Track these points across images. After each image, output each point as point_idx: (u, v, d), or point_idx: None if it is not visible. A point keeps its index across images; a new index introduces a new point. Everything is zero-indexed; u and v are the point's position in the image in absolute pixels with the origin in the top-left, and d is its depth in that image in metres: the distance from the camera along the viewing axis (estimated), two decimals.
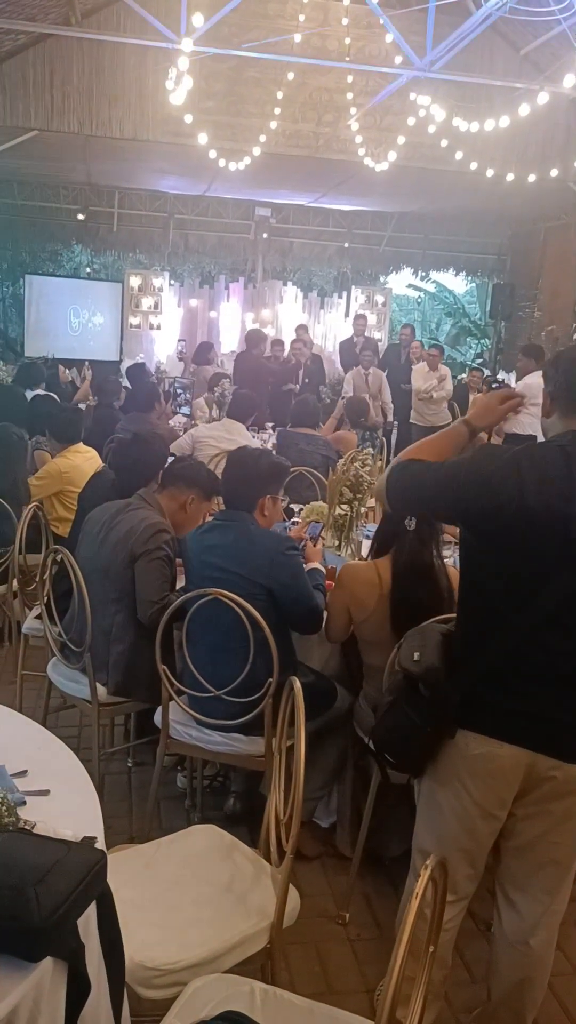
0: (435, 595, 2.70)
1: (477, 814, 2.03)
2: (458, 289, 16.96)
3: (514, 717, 1.94)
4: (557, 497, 1.84)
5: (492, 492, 1.88)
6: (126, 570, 3.10)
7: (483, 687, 1.96)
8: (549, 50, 8.17)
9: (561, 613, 1.87)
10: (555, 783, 1.96)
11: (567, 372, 1.98)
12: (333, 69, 8.07)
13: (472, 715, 1.99)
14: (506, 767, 1.96)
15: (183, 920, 1.97)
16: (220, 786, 3.50)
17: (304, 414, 5.89)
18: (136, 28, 7.42)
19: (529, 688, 1.92)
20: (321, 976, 2.60)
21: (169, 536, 3.14)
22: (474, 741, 1.98)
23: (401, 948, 1.27)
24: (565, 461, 1.88)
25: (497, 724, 1.96)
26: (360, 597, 2.83)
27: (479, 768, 1.99)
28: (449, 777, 2.05)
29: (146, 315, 13.27)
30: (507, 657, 1.93)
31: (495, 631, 1.94)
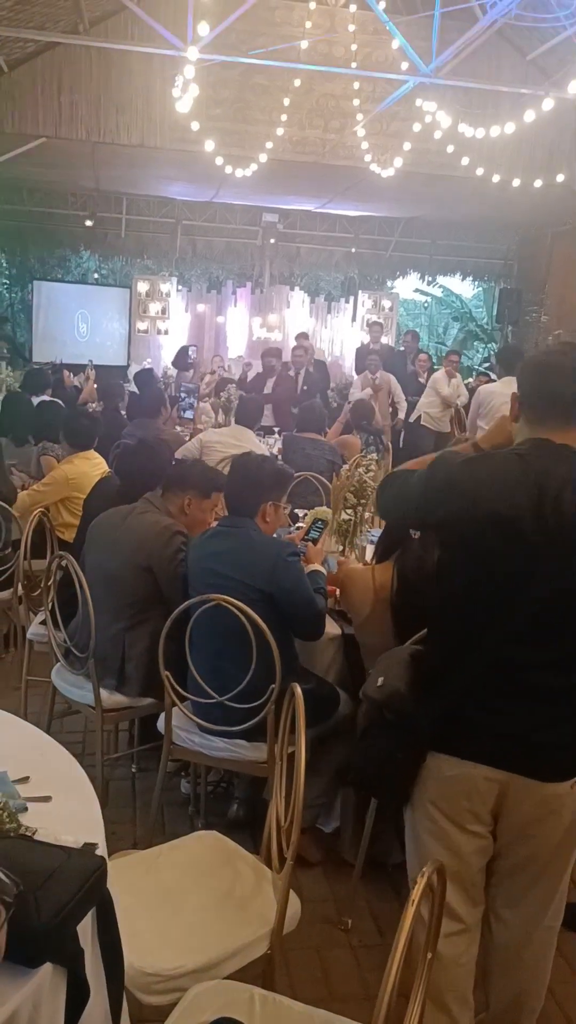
0: None
1: (453, 830, 1.97)
2: (465, 294, 16.95)
3: (487, 738, 1.90)
4: (510, 506, 1.81)
5: (447, 501, 1.89)
6: (142, 574, 3.11)
7: (455, 708, 1.91)
8: (556, 55, 8.17)
9: (531, 627, 1.84)
10: (532, 805, 1.91)
11: (531, 378, 1.96)
12: (339, 75, 8.09)
13: (444, 738, 1.94)
14: (480, 788, 1.91)
15: (183, 926, 1.97)
16: (224, 792, 3.51)
17: (310, 419, 5.90)
18: (144, 36, 7.45)
19: (501, 706, 1.88)
20: (323, 982, 2.60)
21: (184, 537, 3.16)
22: (446, 764, 1.94)
23: (396, 959, 1.27)
24: (521, 469, 1.85)
25: (470, 746, 1.91)
26: (356, 601, 2.84)
27: (450, 789, 1.94)
28: (421, 800, 2.00)
29: (154, 320, 13.31)
30: (479, 675, 1.88)
31: (466, 649, 1.89)
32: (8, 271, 14.14)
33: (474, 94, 8.13)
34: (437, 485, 1.93)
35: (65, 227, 12.59)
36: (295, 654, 3.01)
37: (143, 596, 3.17)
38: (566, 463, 1.85)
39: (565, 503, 1.80)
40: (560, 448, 1.87)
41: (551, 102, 6.36)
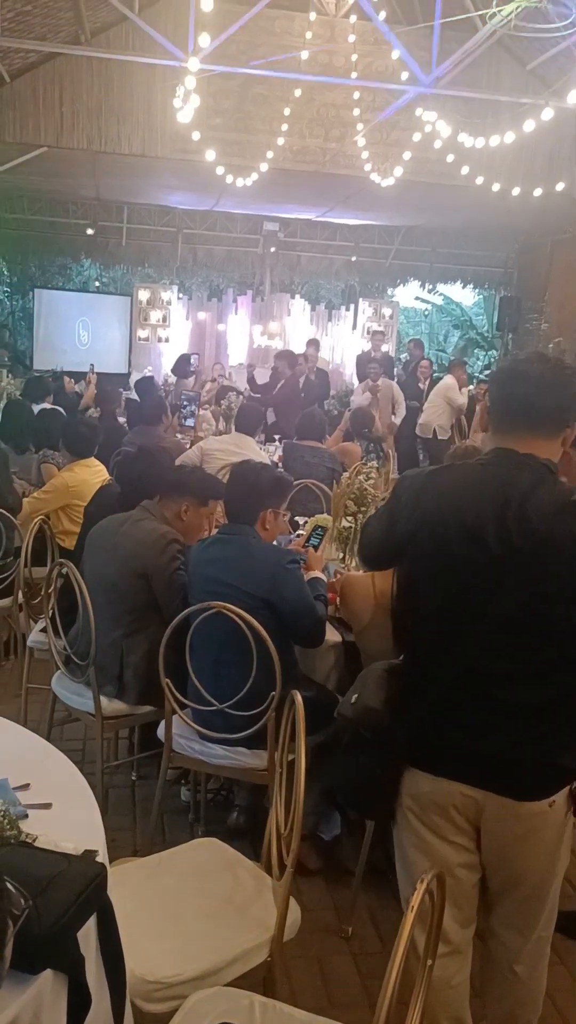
0: None
1: (437, 842, 1.94)
2: (466, 301, 16.99)
3: (460, 755, 1.87)
4: (475, 516, 1.80)
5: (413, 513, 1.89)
6: (139, 582, 3.12)
7: (428, 724, 1.89)
8: (556, 65, 8.22)
9: (499, 641, 1.81)
10: (510, 823, 1.87)
11: (498, 386, 1.94)
12: (340, 85, 8.14)
13: (419, 753, 1.92)
14: (457, 803, 1.89)
15: (184, 933, 1.98)
16: (224, 800, 3.51)
17: (309, 427, 5.91)
18: (144, 47, 7.50)
19: (472, 723, 1.85)
20: (323, 990, 2.60)
21: (180, 545, 3.16)
22: (423, 779, 1.92)
23: (395, 966, 1.27)
24: (484, 479, 1.84)
25: (443, 762, 1.89)
26: (356, 608, 2.84)
27: (428, 804, 1.93)
28: (403, 814, 1.98)
29: (155, 328, 13.36)
30: (449, 691, 1.86)
31: (436, 664, 1.88)
32: (9, 279, 14.19)
33: (474, 104, 8.17)
34: (403, 500, 1.93)
35: (66, 235, 12.64)
36: (295, 661, 3.02)
37: (140, 604, 3.17)
38: (529, 473, 1.82)
39: (528, 513, 1.77)
40: (524, 457, 1.84)
41: (551, 112, 6.39)
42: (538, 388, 1.86)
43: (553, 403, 1.87)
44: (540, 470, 1.83)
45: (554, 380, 1.87)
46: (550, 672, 1.82)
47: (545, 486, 1.81)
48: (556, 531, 1.76)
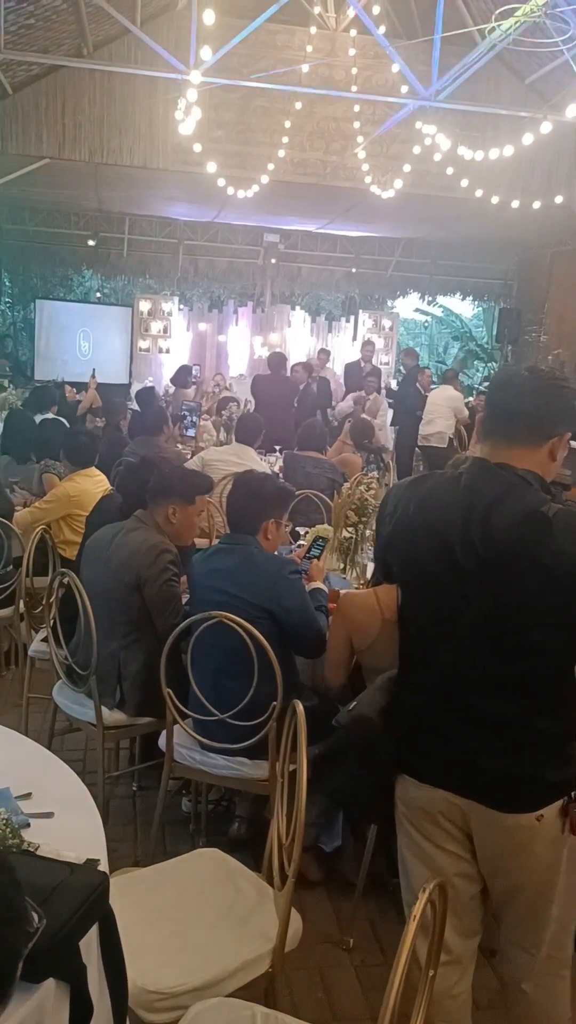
0: None
1: (431, 849, 1.94)
2: (465, 313, 17.06)
3: (440, 762, 1.87)
4: (444, 526, 1.79)
5: (393, 519, 1.90)
6: (132, 593, 3.11)
7: (411, 732, 1.90)
8: (554, 79, 8.27)
9: (471, 652, 1.79)
10: (497, 835, 1.85)
11: (487, 395, 1.93)
12: (340, 99, 8.20)
13: (406, 760, 1.93)
14: (443, 810, 1.89)
15: (185, 944, 1.97)
16: (225, 810, 3.50)
17: (310, 438, 5.92)
18: (146, 59, 7.55)
19: (449, 732, 1.85)
20: (325, 1002, 2.59)
21: (172, 555, 3.16)
22: (411, 786, 1.92)
23: (397, 978, 1.27)
24: (454, 488, 1.81)
25: (426, 769, 1.89)
26: (361, 624, 2.81)
27: (418, 810, 1.93)
28: (400, 821, 1.99)
29: (155, 339, 13.40)
30: (428, 700, 1.86)
31: (417, 673, 1.89)
32: (11, 290, 14.25)
33: (473, 117, 8.22)
34: (387, 508, 1.95)
35: (68, 247, 12.70)
36: (297, 671, 3.02)
37: (135, 615, 3.15)
38: (498, 484, 1.78)
39: (491, 524, 1.74)
40: (495, 468, 1.80)
41: (549, 125, 6.43)
42: (518, 395, 1.82)
43: (532, 410, 1.81)
44: (511, 480, 1.78)
45: (536, 388, 1.82)
46: (522, 685, 1.80)
47: (513, 497, 1.76)
48: (517, 543, 1.72)
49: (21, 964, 1.26)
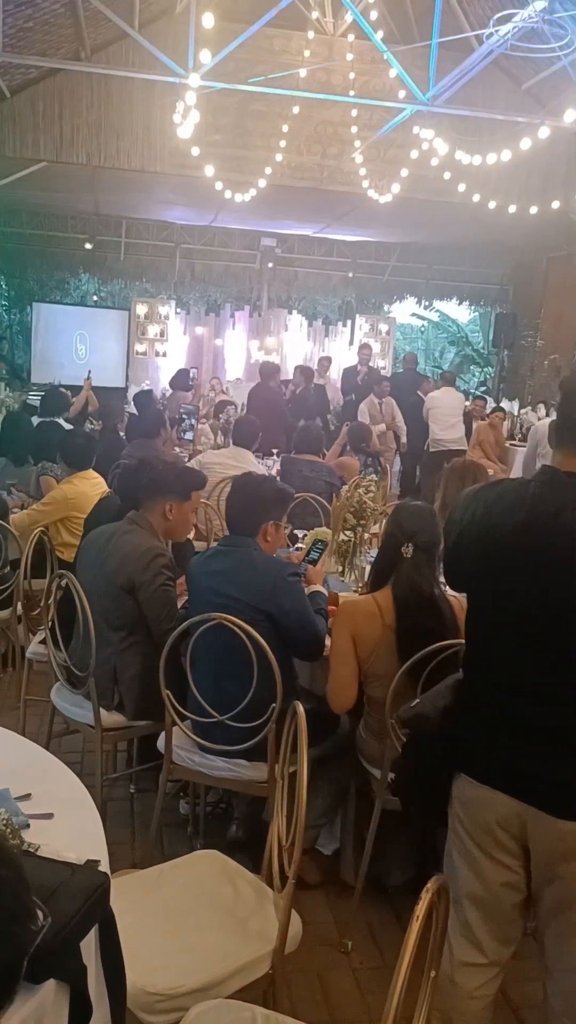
0: (439, 622, 2.70)
1: (480, 855, 1.93)
2: (462, 318, 17.09)
3: (500, 766, 1.87)
4: (506, 531, 1.82)
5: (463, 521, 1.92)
6: (127, 597, 3.10)
7: (473, 733, 1.92)
8: (550, 84, 8.31)
9: (531, 658, 1.81)
10: (552, 841, 1.84)
11: (561, 404, 1.94)
12: (338, 103, 8.23)
13: (466, 760, 1.94)
14: (499, 812, 1.88)
15: (185, 945, 1.96)
16: (223, 813, 3.49)
17: (307, 441, 5.92)
18: (144, 63, 7.57)
19: (506, 736, 1.86)
20: (323, 1005, 2.58)
21: (166, 559, 3.15)
22: (469, 785, 1.93)
23: (400, 978, 1.26)
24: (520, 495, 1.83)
25: (487, 771, 1.90)
26: (364, 629, 2.79)
27: (473, 811, 1.93)
28: (452, 820, 2.00)
29: (152, 343, 13.41)
30: (490, 704, 1.88)
31: (480, 676, 1.92)
32: (7, 293, 14.25)
33: (470, 122, 8.25)
34: (457, 514, 1.97)
35: (64, 250, 12.71)
36: (296, 673, 3.02)
37: (129, 621, 3.13)
38: (567, 493, 1.80)
39: (556, 534, 1.77)
40: (564, 477, 1.82)
41: (547, 130, 6.46)
42: None
43: None
44: None
45: None
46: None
47: None
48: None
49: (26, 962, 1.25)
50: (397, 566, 2.80)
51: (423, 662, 2.58)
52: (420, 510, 2.88)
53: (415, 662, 2.58)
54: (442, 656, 2.56)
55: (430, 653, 2.56)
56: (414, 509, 2.90)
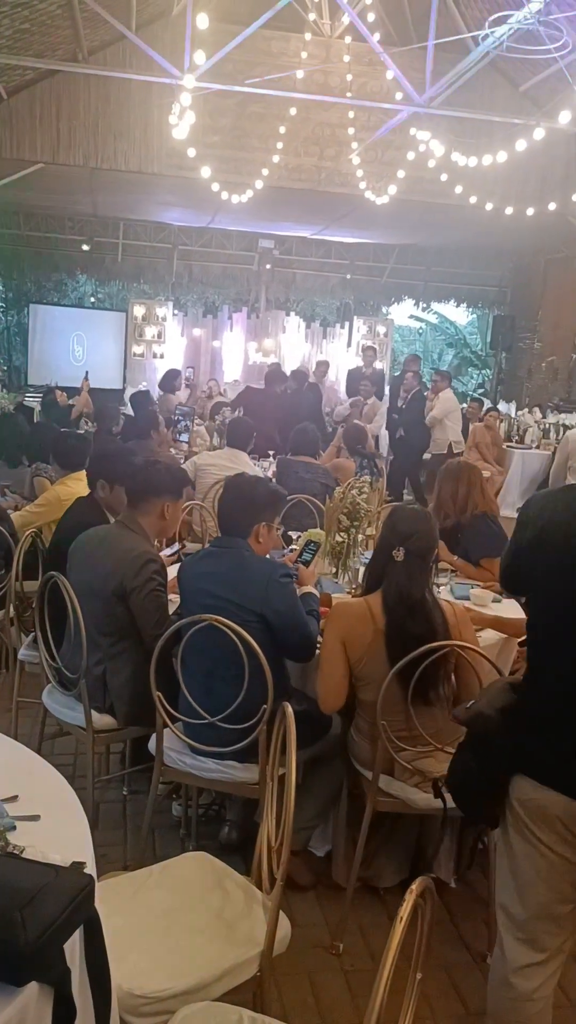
0: (429, 628, 2.69)
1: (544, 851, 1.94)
2: (460, 320, 17.11)
3: (563, 767, 1.90)
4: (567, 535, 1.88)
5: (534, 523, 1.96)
6: (118, 604, 3.08)
7: (535, 734, 1.94)
8: (548, 86, 8.31)
9: None
10: None
11: None
12: (335, 105, 8.23)
13: (527, 761, 1.96)
14: (561, 814, 1.90)
15: (173, 948, 1.96)
16: (215, 815, 3.48)
17: (303, 443, 5.92)
18: (141, 64, 7.58)
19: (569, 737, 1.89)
20: (314, 1008, 2.57)
21: (157, 564, 3.13)
22: (531, 788, 1.95)
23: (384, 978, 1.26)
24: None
25: (549, 772, 1.92)
26: (355, 632, 2.78)
27: (534, 811, 1.94)
28: (512, 822, 2.01)
29: (149, 344, 13.40)
30: (553, 705, 1.91)
31: (542, 678, 1.95)
32: (4, 295, 14.25)
33: (468, 124, 8.26)
34: (530, 512, 2.00)
35: (62, 251, 12.71)
36: (287, 675, 3.01)
37: (119, 626, 3.11)
38: None
39: None
40: None
41: (542, 132, 6.46)
42: None
43: None
44: None
45: None
46: None
47: None
48: None
49: None
50: (388, 570, 2.79)
51: (412, 665, 2.57)
52: (416, 513, 2.87)
53: (404, 666, 2.58)
54: (431, 659, 2.56)
55: (419, 657, 2.55)
56: (410, 512, 2.88)
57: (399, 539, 2.76)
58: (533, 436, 10.58)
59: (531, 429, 10.65)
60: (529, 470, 10.29)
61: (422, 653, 2.56)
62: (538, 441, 10.49)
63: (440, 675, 2.65)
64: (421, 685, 2.61)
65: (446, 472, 4.11)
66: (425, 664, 2.57)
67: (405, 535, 2.76)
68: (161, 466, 3.43)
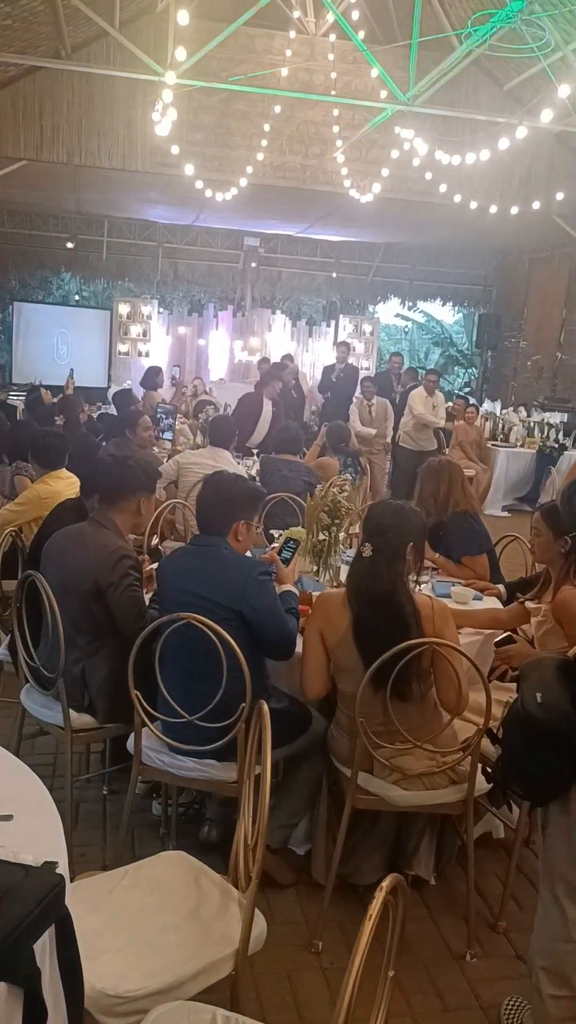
0: (397, 621, 2.69)
1: None
2: (447, 320, 17.14)
3: None
4: None
5: None
6: (94, 601, 3.06)
7: None
8: (532, 85, 8.34)
9: None
10: None
11: None
12: (319, 103, 8.22)
13: None
14: None
15: (147, 947, 1.95)
16: (196, 814, 3.47)
17: (286, 441, 5.91)
18: (125, 62, 7.55)
19: None
20: (292, 1006, 2.57)
21: (132, 559, 3.12)
22: None
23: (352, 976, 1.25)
24: None
25: None
26: (332, 619, 2.81)
27: None
28: None
29: (134, 342, 13.36)
30: None
31: None
32: None
33: (452, 122, 8.28)
34: None
35: (46, 249, 12.66)
36: (266, 673, 3.00)
37: (96, 624, 3.10)
38: None
39: None
40: None
41: (524, 130, 6.48)
42: None
43: None
44: None
45: None
46: None
47: None
48: None
49: None
50: (354, 565, 2.84)
51: (387, 661, 2.57)
52: (391, 509, 2.87)
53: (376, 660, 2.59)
54: (406, 657, 2.56)
55: (391, 653, 2.56)
56: (383, 508, 2.89)
57: (367, 535, 2.80)
58: (518, 435, 10.62)
59: (516, 428, 10.68)
60: (514, 468, 10.33)
61: (393, 649, 2.56)
62: (523, 440, 10.53)
63: (412, 671, 2.65)
64: (395, 680, 2.62)
65: (427, 471, 4.11)
66: (402, 662, 2.57)
67: (373, 531, 2.79)
68: (133, 462, 3.42)
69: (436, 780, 2.75)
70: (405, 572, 2.78)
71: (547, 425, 10.48)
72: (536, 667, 2.17)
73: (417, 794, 2.73)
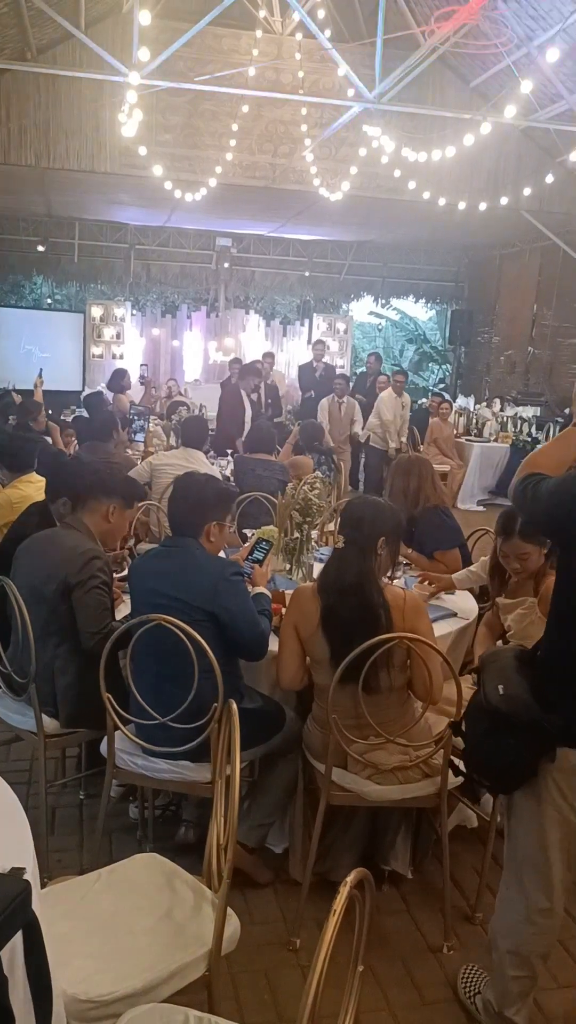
0: (365, 612, 2.71)
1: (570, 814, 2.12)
2: (421, 317, 17.18)
3: None
4: None
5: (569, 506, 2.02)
6: (63, 602, 3.04)
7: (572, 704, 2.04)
8: (498, 82, 8.38)
9: None
10: None
11: None
12: (288, 102, 8.23)
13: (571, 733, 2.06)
14: None
15: (119, 951, 1.94)
16: (172, 815, 3.46)
17: (260, 440, 5.91)
18: (92, 63, 7.51)
19: None
20: (271, 1005, 2.57)
21: (102, 562, 3.10)
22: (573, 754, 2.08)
23: (318, 970, 1.26)
24: None
25: None
26: (306, 610, 2.83)
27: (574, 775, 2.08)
28: (547, 791, 2.13)
29: (108, 345, 13.30)
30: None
31: None
32: None
33: (420, 120, 8.31)
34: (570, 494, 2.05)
35: (16, 252, 12.57)
36: (239, 673, 3.00)
37: (61, 625, 3.06)
38: None
39: None
40: None
41: (489, 126, 6.51)
42: None
43: None
44: None
45: None
46: None
47: None
48: None
49: None
50: (329, 557, 2.90)
51: (357, 655, 2.59)
52: (372, 503, 2.90)
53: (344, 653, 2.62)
54: (375, 650, 2.58)
55: (359, 646, 2.58)
56: (364, 502, 2.94)
57: (342, 527, 2.86)
58: (491, 429, 10.67)
59: (489, 422, 10.74)
60: (488, 462, 10.38)
61: (364, 644, 2.57)
62: (496, 434, 10.59)
63: (381, 664, 2.66)
64: (366, 674, 2.63)
65: (397, 467, 4.13)
66: (373, 656, 2.58)
67: (347, 523, 2.85)
68: (117, 468, 3.41)
69: (410, 774, 2.76)
70: (377, 565, 2.79)
71: (520, 419, 10.55)
72: (495, 659, 2.22)
73: (391, 788, 2.74)
